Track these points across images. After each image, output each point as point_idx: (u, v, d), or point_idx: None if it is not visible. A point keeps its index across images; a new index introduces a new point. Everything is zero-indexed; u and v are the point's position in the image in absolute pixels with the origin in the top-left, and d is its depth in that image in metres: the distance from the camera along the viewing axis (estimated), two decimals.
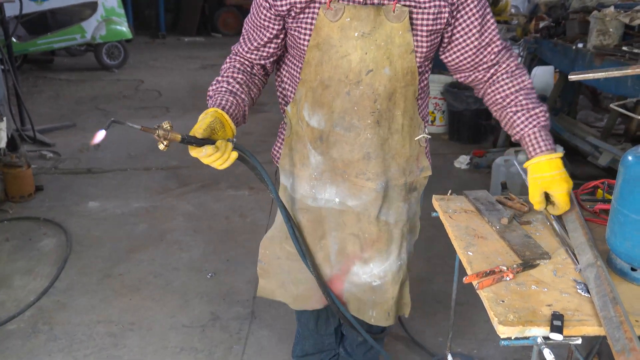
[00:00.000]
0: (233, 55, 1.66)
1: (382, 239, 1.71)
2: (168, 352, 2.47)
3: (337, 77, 1.51)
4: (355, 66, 1.48)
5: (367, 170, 1.61)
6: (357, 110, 1.53)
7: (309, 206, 1.71)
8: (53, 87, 7.46)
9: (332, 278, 1.78)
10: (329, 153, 1.61)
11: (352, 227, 1.69)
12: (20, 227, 3.58)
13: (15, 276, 3.03)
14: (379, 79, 1.49)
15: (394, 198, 1.68)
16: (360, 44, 1.46)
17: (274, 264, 1.86)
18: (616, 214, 1.36)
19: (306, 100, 1.59)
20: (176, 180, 4.39)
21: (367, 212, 1.66)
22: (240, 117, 1.55)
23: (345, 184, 1.64)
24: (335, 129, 1.57)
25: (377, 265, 1.74)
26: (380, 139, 1.58)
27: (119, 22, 8.32)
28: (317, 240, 1.75)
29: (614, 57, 3.47)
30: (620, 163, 1.36)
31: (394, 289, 1.77)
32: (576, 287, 1.30)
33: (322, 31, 1.47)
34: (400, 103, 1.55)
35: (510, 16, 7.12)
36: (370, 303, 1.79)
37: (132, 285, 2.97)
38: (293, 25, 1.52)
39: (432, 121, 5.59)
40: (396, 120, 1.58)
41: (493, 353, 2.50)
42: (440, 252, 3.21)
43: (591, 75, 1.78)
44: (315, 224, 1.73)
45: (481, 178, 4.51)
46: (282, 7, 1.49)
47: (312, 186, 1.68)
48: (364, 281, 1.76)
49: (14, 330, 2.59)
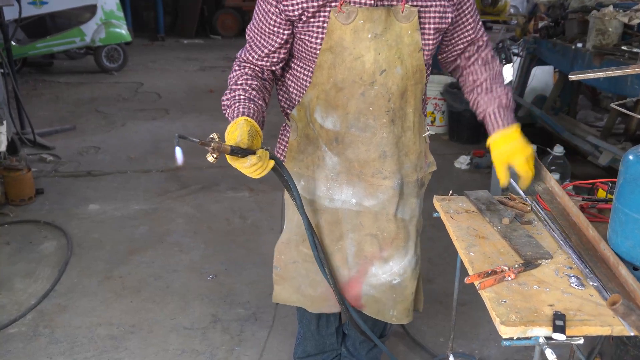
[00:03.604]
0: (241, 62, 1.64)
1: (400, 235, 1.74)
2: (169, 354, 2.47)
3: (351, 79, 1.53)
4: (369, 67, 1.51)
5: (383, 169, 1.64)
6: (372, 110, 1.57)
7: (326, 207, 1.72)
8: (52, 90, 7.46)
9: (350, 280, 1.79)
10: (344, 154, 1.64)
11: (370, 227, 1.72)
12: (21, 230, 3.58)
13: (15, 279, 3.02)
14: (392, 78, 1.53)
15: (408, 194, 1.72)
16: (373, 45, 1.49)
17: (290, 268, 1.85)
18: (617, 213, 1.36)
19: (318, 103, 1.61)
20: (176, 183, 4.39)
21: (385, 210, 1.69)
22: (261, 124, 1.54)
23: (361, 185, 1.67)
24: (350, 130, 1.60)
25: (396, 262, 1.76)
26: (395, 137, 1.62)
27: (118, 25, 8.32)
28: (334, 242, 1.76)
29: (613, 57, 3.47)
30: (621, 162, 1.36)
31: (413, 284, 1.82)
32: (569, 281, 1.30)
33: (334, 34, 1.49)
34: (411, 100, 1.60)
35: (509, 16, 7.13)
36: (391, 302, 1.81)
37: (132, 288, 2.97)
38: (304, 30, 1.52)
39: (432, 121, 5.59)
40: (408, 117, 1.62)
41: (495, 353, 2.50)
42: (441, 252, 3.21)
43: (591, 75, 1.78)
44: (333, 226, 1.74)
45: (481, 178, 4.51)
46: (294, 12, 1.49)
47: (328, 187, 1.70)
48: (384, 281, 1.78)
49: (15, 334, 2.59)
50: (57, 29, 8.04)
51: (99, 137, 5.48)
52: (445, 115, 5.53)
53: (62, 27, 8.06)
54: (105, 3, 8.17)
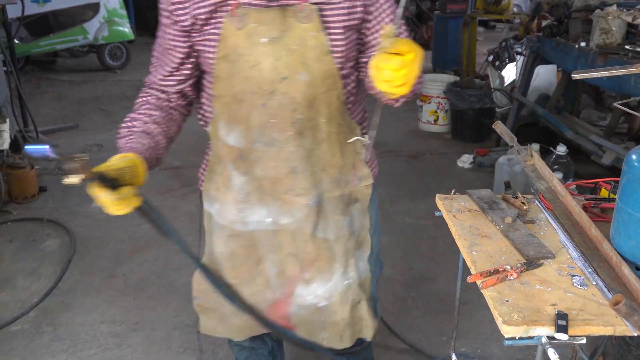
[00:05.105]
0: (147, 88, 1.52)
1: (322, 257, 1.57)
2: (172, 352, 2.48)
3: (250, 89, 1.37)
4: (267, 75, 1.35)
5: (295, 185, 1.47)
6: (276, 123, 1.40)
7: (239, 231, 1.58)
8: (55, 88, 7.47)
9: (276, 302, 1.65)
10: (252, 172, 1.48)
11: (289, 247, 1.57)
12: (24, 228, 3.59)
13: (19, 277, 3.04)
14: (296, 86, 1.36)
15: (330, 212, 1.55)
16: (269, 50, 1.33)
17: (211, 298, 1.70)
18: (620, 213, 1.36)
19: (222, 117, 1.46)
20: (179, 181, 4.39)
21: (301, 229, 1.53)
22: (154, 161, 1.42)
23: (276, 203, 1.51)
24: (255, 146, 1.44)
25: (320, 285, 1.60)
26: (305, 150, 1.44)
27: (121, 23, 8.33)
28: (254, 266, 1.62)
29: (616, 56, 3.46)
30: (624, 162, 1.36)
31: (343, 309, 1.63)
32: (572, 280, 1.30)
33: (228, 41, 1.34)
34: (323, 110, 1.42)
35: (512, 15, 7.11)
36: (320, 324, 1.65)
37: (135, 286, 2.98)
38: (200, 40, 1.40)
39: (435, 120, 5.59)
40: (321, 128, 1.44)
41: (497, 352, 2.50)
42: (443, 251, 3.21)
43: (594, 74, 1.77)
44: (249, 250, 1.60)
45: (484, 177, 4.51)
46: (186, 21, 1.37)
47: (239, 209, 1.54)
48: (310, 303, 1.62)
49: (18, 331, 2.60)
50: (60, 27, 8.06)
51: (101, 135, 5.49)
52: (448, 114, 5.52)
53: (65, 25, 8.07)
54: (108, 1, 8.19)
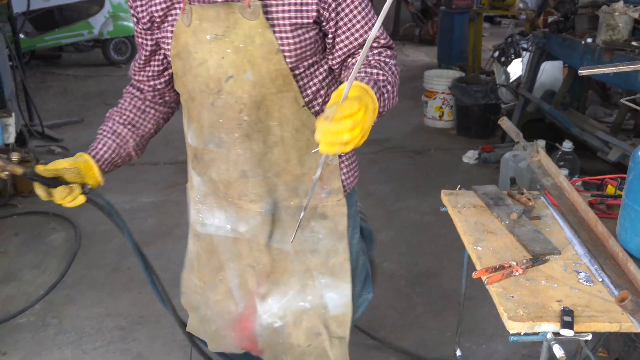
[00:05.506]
0: (128, 85, 1.56)
1: (277, 269, 1.50)
2: (176, 345, 2.48)
3: (199, 88, 1.34)
4: (213, 73, 1.30)
5: (247, 190, 1.41)
6: (222, 123, 1.35)
7: (199, 233, 1.56)
8: (61, 82, 7.48)
9: (240, 317, 1.58)
10: (207, 173, 1.45)
11: (247, 257, 1.51)
12: (30, 221, 3.60)
13: (24, 270, 3.05)
14: (242, 86, 1.30)
15: (287, 222, 1.46)
16: (214, 47, 1.28)
17: (194, 297, 1.70)
18: (626, 209, 1.35)
19: (184, 114, 1.47)
20: (184, 175, 4.36)
21: (256, 238, 1.47)
22: (125, 157, 1.52)
23: (232, 208, 1.46)
24: (207, 146, 1.41)
25: (275, 301, 1.52)
26: (254, 154, 1.37)
27: (126, 18, 8.33)
28: (215, 273, 1.57)
29: (623, 52, 3.44)
30: (630, 158, 1.35)
31: (298, 333, 1.52)
32: (578, 277, 1.30)
33: (180, 38, 1.31)
34: (273, 113, 1.34)
35: (518, 11, 7.08)
36: (281, 347, 1.56)
37: (140, 279, 2.98)
38: (160, 37, 1.38)
39: (440, 116, 5.58)
40: (272, 132, 1.36)
41: (502, 348, 2.50)
42: (447, 247, 3.21)
43: (601, 70, 1.77)
44: (210, 254, 1.56)
45: (489, 173, 4.50)
46: (144, 17, 1.36)
47: (197, 210, 1.54)
48: (267, 323, 1.54)
49: (23, 324, 2.61)
50: (65, 21, 8.07)
51: None
52: (453, 110, 5.51)
53: (70, 20, 8.08)
54: None
